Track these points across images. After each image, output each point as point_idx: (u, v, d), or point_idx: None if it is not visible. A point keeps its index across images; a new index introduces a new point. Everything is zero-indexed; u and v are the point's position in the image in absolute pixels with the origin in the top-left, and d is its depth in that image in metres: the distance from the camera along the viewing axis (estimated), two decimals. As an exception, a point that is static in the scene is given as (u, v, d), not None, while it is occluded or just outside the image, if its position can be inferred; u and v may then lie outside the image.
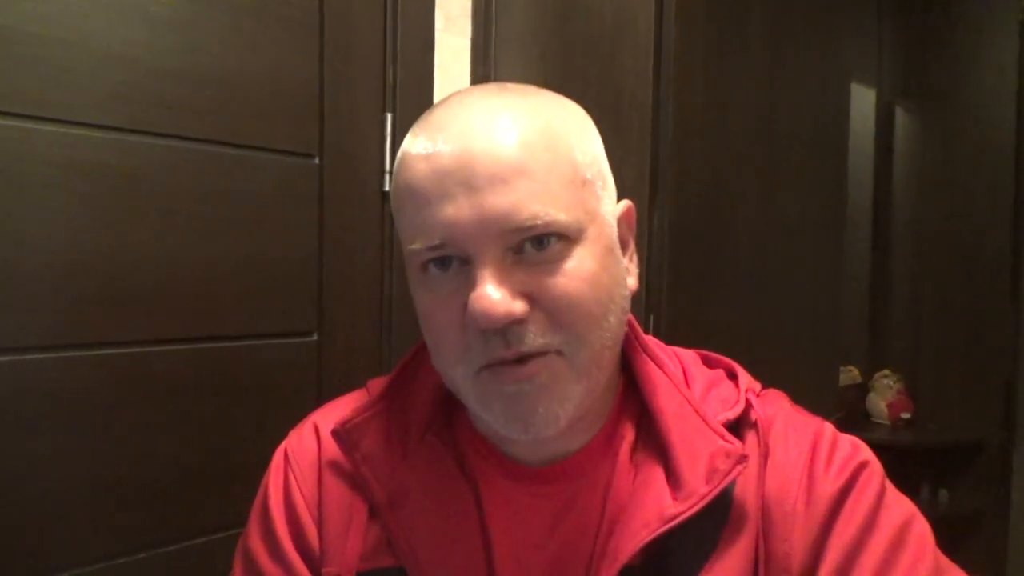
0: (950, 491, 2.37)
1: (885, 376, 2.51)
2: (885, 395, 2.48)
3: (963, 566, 0.50)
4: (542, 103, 0.50)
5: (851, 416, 2.44)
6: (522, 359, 0.47)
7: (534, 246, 0.46)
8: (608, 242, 0.50)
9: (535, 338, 0.46)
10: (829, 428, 0.54)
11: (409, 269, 0.51)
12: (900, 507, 0.50)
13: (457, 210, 0.45)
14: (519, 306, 0.46)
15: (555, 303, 0.47)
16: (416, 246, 0.48)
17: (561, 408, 0.48)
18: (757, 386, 0.57)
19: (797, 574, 0.48)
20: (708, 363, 0.60)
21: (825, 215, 1.44)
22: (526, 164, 0.46)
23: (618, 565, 0.48)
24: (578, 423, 0.52)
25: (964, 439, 2.35)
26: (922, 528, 0.49)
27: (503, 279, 0.46)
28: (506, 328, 0.46)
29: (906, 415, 2.45)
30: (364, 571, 0.52)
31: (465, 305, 0.46)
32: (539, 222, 0.45)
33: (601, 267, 0.49)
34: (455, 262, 0.47)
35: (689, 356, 0.60)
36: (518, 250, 0.47)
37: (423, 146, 0.48)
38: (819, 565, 0.48)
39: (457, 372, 0.49)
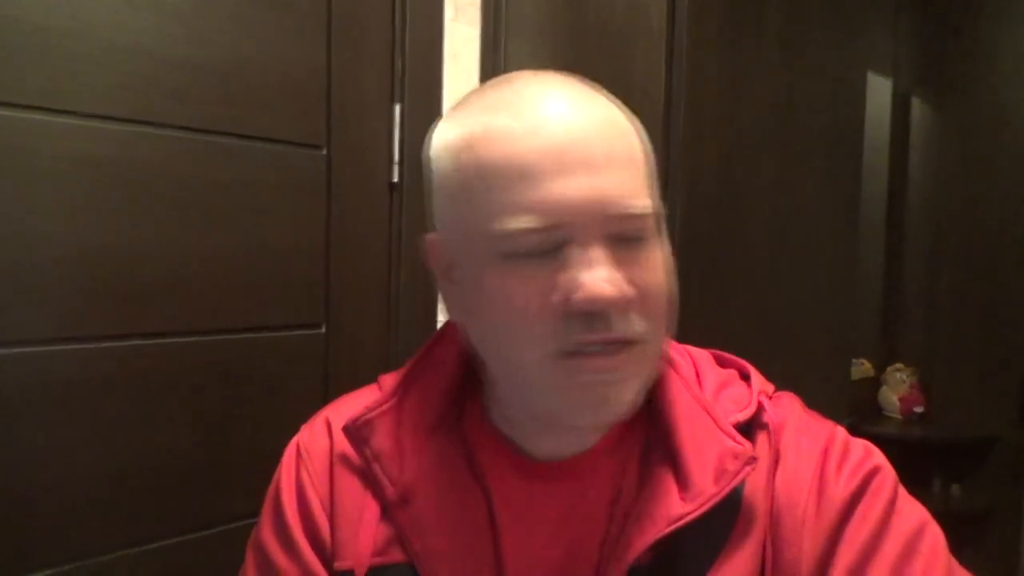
0: (962, 487, 2.35)
1: (898, 370, 2.49)
2: (897, 389, 2.47)
3: (974, 563, 0.50)
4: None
5: (863, 410, 2.43)
6: (608, 347, 0.45)
7: (631, 234, 0.46)
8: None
9: (632, 325, 0.46)
10: (841, 432, 0.53)
11: (479, 250, 0.47)
12: (913, 513, 0.49)
13: (577, 188, 0.44)
14: (631, 289, 0.45)
15: (647, 291, 0.46)
16: (515, 225, 0.44)
17: (628, 396, 0.48)
18: (770, 388, 0.57)
19: None
20: (721, 363, 0.59)
21: (839, 207, 1.42)
22: (633, 151, 0.46)
23: (626, 564, 0.48)
24: None
25: (977, 435, 2.33)
26: (935, 534, 0.48)
27: (612, 263, 0.45)
28: (608, 312, 0.44)
29: (918, 409, 2.43)
30: (376, 566, 0.52)
31: (554, 286, 0.45)
32: (648, 211, 0.46)
33: (671, 260, 0.49)
34: (548, 244, 0.45)
35: (703, 356, 0.59)
36: (618, 237, 0.46)
37: (523, 122, 0.45)
38: (829, 571, 0.47)
39: (527, 356, 0.47)
